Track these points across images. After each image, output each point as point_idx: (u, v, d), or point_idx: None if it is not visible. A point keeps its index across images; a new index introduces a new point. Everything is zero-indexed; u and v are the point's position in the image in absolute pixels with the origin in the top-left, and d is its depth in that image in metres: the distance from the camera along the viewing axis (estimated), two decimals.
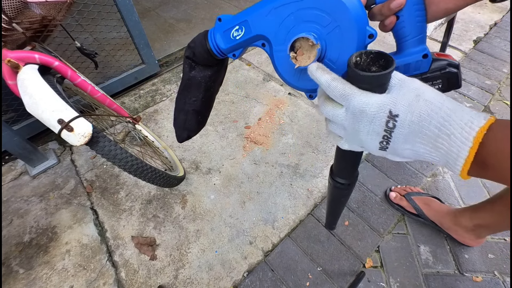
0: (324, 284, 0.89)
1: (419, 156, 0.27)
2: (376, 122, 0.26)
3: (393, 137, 0.27)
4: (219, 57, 0.40)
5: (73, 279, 0.94)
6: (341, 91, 0.27)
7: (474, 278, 0.87)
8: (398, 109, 0.25)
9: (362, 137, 0.28)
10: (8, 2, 0.70)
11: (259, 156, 1.24)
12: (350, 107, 0.27)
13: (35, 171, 1.22)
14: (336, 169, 0.47)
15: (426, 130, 0.25)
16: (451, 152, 0.24)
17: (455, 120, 0.24)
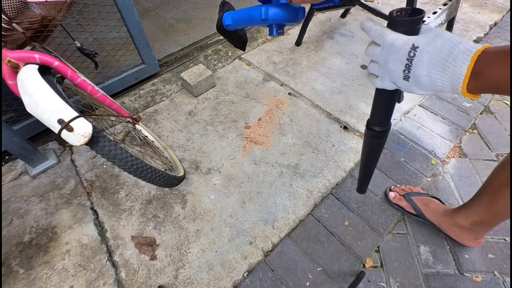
0: (324, 284, 0.89)
1: (432, 82, 0.34)
2: (401, 52, 0.35)
3: (413, 64, 0.34)
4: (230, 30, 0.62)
5: (73, 279, 0.94)
6: (379, 31, 0.37)
7: (474, 278, 0.87)
8: (419, 42, 0.34)
9: (390, 67, 0.37)
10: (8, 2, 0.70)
11: (259, 156, 1.24)
12: (384, 43, 0.36)
13: (35, 171, 1.22)
14: (373, 119, 0.53)
15: (438, 57, 0.32)
16: (455, 73, 0.31)
17: (460, 48, 0.31)
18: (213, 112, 1.44)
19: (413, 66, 0.34)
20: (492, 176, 0.73)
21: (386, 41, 0.36)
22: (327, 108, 1.42)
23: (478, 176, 1.12)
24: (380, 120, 0.52)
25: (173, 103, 1.51)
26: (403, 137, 1.27)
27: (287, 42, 1.87)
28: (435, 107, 1.39)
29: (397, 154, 1.21)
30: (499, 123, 1.32)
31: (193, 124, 1.39)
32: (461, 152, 1.21)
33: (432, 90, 0.36)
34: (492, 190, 0.73)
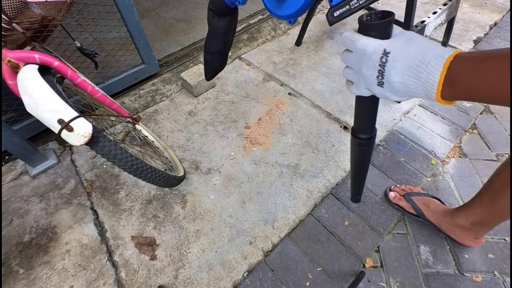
0: (324, 284, 0.89)
1: (407, 88, 0.33)
2: (373, 57, 0.34)
3: (386, 71, 0.34)
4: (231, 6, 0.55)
5: (73, 279, 0.94)
6: (349, 37, 0.37)
7: (474, 278, 0.87)
8: (391, 47, 0.33)
9: (363, 73, 0.36)
10: (8, 2, 0.70)
11: (259, 156, 1.24)
12: (356, 49, 0.36)
13: (35, 171, 1.22)
14: (357, 126, 0.52)
15: (411, 63, 0.32)
16: (428, 79, 0.31)
17: (432, 54, 0.31)
18: (213, 112, 1.44)
19: (386, 72, 0.34)
20: (493, 177, 0.73)
21: (357, 47, 0.36)
22: (327, 108, 1.42)
23: (478, 176, 1.12)
24: (364, 127, 0.51)
25: (173, 103, 1.51)
26: (403, 137, 1.27)
27: (287, 42, 1.87)
28: (435, 107, 1.39)
29: (397, 154, 1.21)
30: (499, 123, 1.32)
31: (193, 124, 1.39)
32: (461, 152, 1.21)
33: (407, 96, 0.35)
34: (492, 191, 0.73)
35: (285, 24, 2.00)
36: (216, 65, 0.67)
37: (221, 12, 0.56)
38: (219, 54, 0.64)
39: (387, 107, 1.40)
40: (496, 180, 0.71)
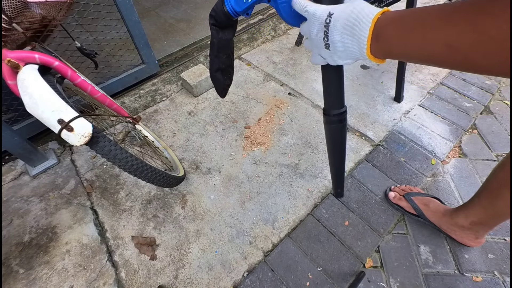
0: (324, 284, 0.89)
1: (347, 48, 0.37)
2: (320, 20, 0.38)
3: (330, 31, 0.37)
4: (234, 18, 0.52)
5: (73, 279, 0.94)
6: (302, 4, 0.41)
7: (474, 278, 0.87)
8: (335, 10, 0.37)
9: (313, 36, 0.40)
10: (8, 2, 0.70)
11: (259, 156, 1.24)
12: (308, 15, 0.40)
13: (35, 171, 1.22)
14: (326, 103, 0.56)
15: (348, 22, 0.35)
16: (360, 36, 0.35)
17: (365, 11, 0.34)
18: (213, 112, 1.44)
19: (329, 33, 0.37)
20: (490, 177, 0.73)
21: (309, 12, 0.40)
22: None
23: (478, 176, 1.12)
24: (333, 103, 0.55)
25: (173, 103, 1.51)
26: (403, 137, 1.27)
27: (287, 42, 1.87)
28: (435, 107, 1.39)
29: (397, 154, 1.21)
30: (499, 123, 1.32)
31: (193, 124, 1.39)
32: (461, 152, 1.21)
33: (349, 57, 0.38)
34: (491, 191, 0.73)
35: (285, 24, 2.00)
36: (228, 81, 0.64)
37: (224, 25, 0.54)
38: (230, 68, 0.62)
39: (387, 107, 1.40)
40: (493, 180, 0.71)
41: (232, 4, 0.49)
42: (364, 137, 1.28)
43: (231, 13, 0.50)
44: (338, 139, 0.61)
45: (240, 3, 0.48)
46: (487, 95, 1.44)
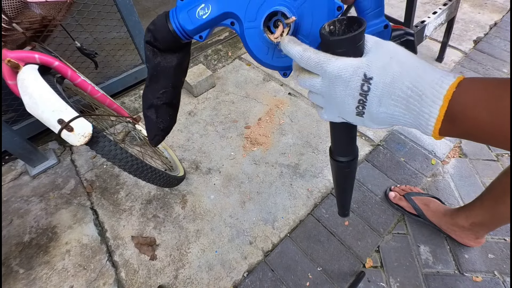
0: (324, 284, 0.89)
1: (393, 119, 0.27)
2: (351, 85, 0.26)
3: (368, 100, 0.27)
4: (184, 40, 0.36)
5: (73, 279, 0.94)
6: (314, 60, 0.27)
7: (474, 278, 0.87)
8: (372, 71, 0.25)
9: (339, 103, 0.29)
10: (8, 2, 0.70)
11: (259, 156, 1.24)
12: (326, 74, 0.27)
13: (35, 171, 1.22)
14: (334, 147, 0.46)
15: (399, 91, 0.25)
16: (422, 113, 0.24)
17: (426, 80, 0.24)
18: (213, 112, 1.44)
19: (368, 102, 0.27)
20: (495, 182, 0.73)
21: (328, 72, 0.27)
22: None
23: (478, 176, 1.12)
24: (343, 150, 0.44)
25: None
26: (403, 137, 1.27)
27: None
28: None
29: (397, 154, 1.21)
30: None
31: (193, 124, 1.39)
32: (461, 152, 1.21)
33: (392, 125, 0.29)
34: (494, 196, 0.73)
35: None
36: (164, 122, 0.42)
37: (167, 48, 0.37)
38: (170, 107, 0.42)
39: None
40: (498, 185, 0.71)
41: (179, 19, 0.34)
42: (364, 137, 1.28)
43: (178, 32, 0.35)
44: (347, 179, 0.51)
45: (190, 19, 0.34)
46: None
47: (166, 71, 0.39)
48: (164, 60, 0.38)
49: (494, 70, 1.56)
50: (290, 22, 0.30)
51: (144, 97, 0.41)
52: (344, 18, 0.27)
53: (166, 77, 0.39)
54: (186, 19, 0.34)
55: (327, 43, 0.27)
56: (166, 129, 0.43)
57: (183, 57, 0.40)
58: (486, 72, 1.55)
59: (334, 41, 0.26)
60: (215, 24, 0.35)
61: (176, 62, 0.39)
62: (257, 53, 0.35)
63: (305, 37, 0.33)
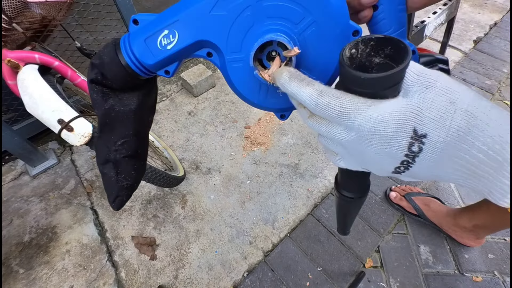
0: (324, 284, 0.89)
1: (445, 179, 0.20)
2: (394, 145, 0.18)
3: (417, 163, 0.19)
4: (144, 76, 0.28)
5: (73, 279, 0.94)
6: (337, 109, 0.18)
7: (474, 278, 0.87)
8: (426, 125, 0.17)
9: (369, 161, 0.21)
10: (8, 2, 0.70)
11: (259, 156, 1.24)
12: (354, 127, 0.19)
13: (35, 171, 1.22)
14: (341, 181, 0.35)
15: (465, 155, 0.17)
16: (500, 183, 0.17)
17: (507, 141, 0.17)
18: (213, 112, 1.44)
19: (416, 165, 0.19)
20: None
21: (358, 126, 0.18)
22: None
23: None
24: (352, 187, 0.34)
25: (173, 103, 1.51)
26: None
27: None
28: None
29: None
30: None
31: (193, 124, 1.39)
32: None
33: None
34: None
35: None
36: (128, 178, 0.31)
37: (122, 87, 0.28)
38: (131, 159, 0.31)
39: None
40: None
41: (135, 51, 0.26)
42: None
43: (134, 67, 0.26)
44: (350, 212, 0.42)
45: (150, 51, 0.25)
46: (487, 95, 1.44)
47: (124, 116, 0.29)
48: (119, 103, 0.28)
49: (494, 70, 1.56)
50: (291, 55, 0.22)
51: (97, 149, 0.30)
52: (372, 37, 0.19)
53: (125, 124, 0.29)
54: (144, 51, 0.25)
55: (349, 78, 0.18)
56: (132, 186, 0.32)
57: (146, 95, 0.30)
58: (486, 72, 1.55)
59: (367, 80, 0.17)
60: (185, 56, 0.27)
61: (137, 104, 0.29)
62: (245, 93, 0.28)
63: (308, 71, 0.25)
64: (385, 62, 0.19)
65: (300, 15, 0.23)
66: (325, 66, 0.25)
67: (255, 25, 0.24)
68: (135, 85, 0.29)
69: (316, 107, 0.19)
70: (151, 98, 0.32)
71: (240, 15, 0.23)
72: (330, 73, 0.25)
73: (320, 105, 0.19)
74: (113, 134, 0.29)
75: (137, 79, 0.27)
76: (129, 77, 0.27)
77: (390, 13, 0.26)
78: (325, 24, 0.23)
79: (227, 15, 0.23)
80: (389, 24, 0.26)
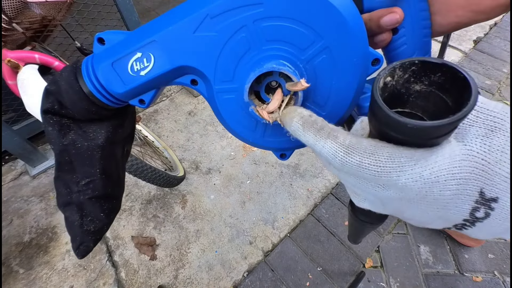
0: (324, 284, 0.89)
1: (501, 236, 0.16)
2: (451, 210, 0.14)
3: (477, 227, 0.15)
4: (113, 106, 0.23)
5: (73, 279, 0.94)
6: (372, 170, 0.14)
7: (474, 278, 0.87)
8: (496, 185, 0.13)
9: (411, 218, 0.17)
10: (8, 2, 0.70)
11: (259, 156, 1.24)
12: (397, 188, 0.14)
13: (35, 171, 1.22)
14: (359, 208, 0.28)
15: None
16: None
17: None
18: (213, 112, 1.44)
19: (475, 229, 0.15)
20: None
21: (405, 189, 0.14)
22: None
23: None
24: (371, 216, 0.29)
25: (173, 103, 1.51)
26: None
27: None
28: None
29: None
30: None
31: (193, 124, 1.39)
32: None
33: None
34: None
35: None
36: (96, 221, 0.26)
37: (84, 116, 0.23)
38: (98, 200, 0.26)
39: None
40: None
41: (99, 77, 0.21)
42: None
43: (100, 96, 0.22)
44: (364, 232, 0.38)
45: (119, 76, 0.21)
46: (487, 95, 1.44)
47: (88, 152, 0.24)
48: (82, 137, 0.23)
49: (494, 70, 1.56)
50: (297, 89, 0.18)
51: (56, 188, 0.25)
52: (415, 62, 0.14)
53: (90, 162, 0.24)
54: (111, 77, 0.21)
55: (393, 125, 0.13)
56: (101, 230, 0.27)
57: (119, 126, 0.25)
58: (486, 72, 1.55)
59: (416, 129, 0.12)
60: (164, 83, 0.22)
61: (105, 137, 0.24)
62: (237, 130, 0.23)
63: (317, 107, 0.21)
64: (430, 90, 0.14)
65: (309, 39, 0.18)
66: (338, 103, 0.21)
67: (252, 49, 0.19)
68: (103, 116, 0.24)
69: (342, 167, 0.15)
70: (126, 128, 0.26)
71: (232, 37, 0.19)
72: (343, 111, 0.21)
73: (348, 165, 0.15)
74: (74, 173, 0.24)
75: (104, 109, 0.23)
76: (93, 106, 0.22)
77: (413, 37, 0.22)
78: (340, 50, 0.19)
79: (216, 36, 0.19)
80: (410, 51, 0.22)
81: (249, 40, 0.19)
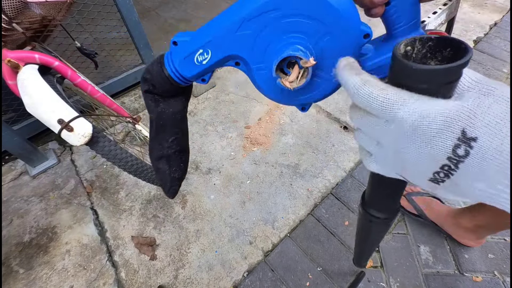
0: (324, 284, 0.89)
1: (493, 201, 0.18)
2: (436, 144, 0.17)
3: (461, 169, 0.17)
4: (184, 85, 0.34)
5: (73, 279, 0.94)
6: (379, 100, 0.18)
7: (474, 278, 0.87)
8: (477, 128, 0.16)
9: (406, 161, 0.19)
10: (8, 2, 0.70)
11: (259, 156, 1.24)
12: (395, 120, 0.18)
13: (35, 171, 1.22)
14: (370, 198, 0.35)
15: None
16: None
17: None
18: (213, 112, 1.44)
19: (459, 172, 0.17)
20: None
21: (400, 119, 0.18)
22: (327, 108, 1.42)
23: None
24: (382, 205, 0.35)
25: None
26: None
27: None
28: None
29: None
30: None
31: (193, 124, 1.39)
32: None
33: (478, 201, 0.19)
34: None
35: None
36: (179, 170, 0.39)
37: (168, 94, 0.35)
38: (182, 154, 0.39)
39: None
40: None
41: (176, 66, 0.31)
42: None
43: (176, 79, 0.32)
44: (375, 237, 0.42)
45: (188, 66, 0.31)
46: None
47: (173, 117, 0.36)
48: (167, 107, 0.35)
49: (494, 70, 1.56)
50: (308, 66, 0.26)
51: (151, 148, 0.38)
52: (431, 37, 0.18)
53: (174, 124, 0.36)
54: (184, 66, 0.31)
55: (402, 71, 0.18)
56: (181, 177, 0.40)
57: (187, 98, 0.37)
58: (486, 72, 1.55)
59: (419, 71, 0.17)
60: (217, 67, 0.32)
61: (182, 106, 0.36)
62: (270, 94, 0.32)
63: (326, 73, 0.28)
64: None
65: (315, 28, 0.25)
66: None
67: (275, 39, 0.27)
68: (177, 92, 0.35)
69: (355, 95, 0.19)
70: (187, 103, 0.39)
71: (261, 32, 0.27)
72: None
73: (360, 93, 0.19)
74: (165, 133, 0.36)
75: (178, 87, 0.34)
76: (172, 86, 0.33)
77: (403, 7, 0.27)
78: (338, 32, 0.25)
79: (250, 33, 0.27)
80: (401, 17, 0.27)
81: (273, 33, 0.27)
